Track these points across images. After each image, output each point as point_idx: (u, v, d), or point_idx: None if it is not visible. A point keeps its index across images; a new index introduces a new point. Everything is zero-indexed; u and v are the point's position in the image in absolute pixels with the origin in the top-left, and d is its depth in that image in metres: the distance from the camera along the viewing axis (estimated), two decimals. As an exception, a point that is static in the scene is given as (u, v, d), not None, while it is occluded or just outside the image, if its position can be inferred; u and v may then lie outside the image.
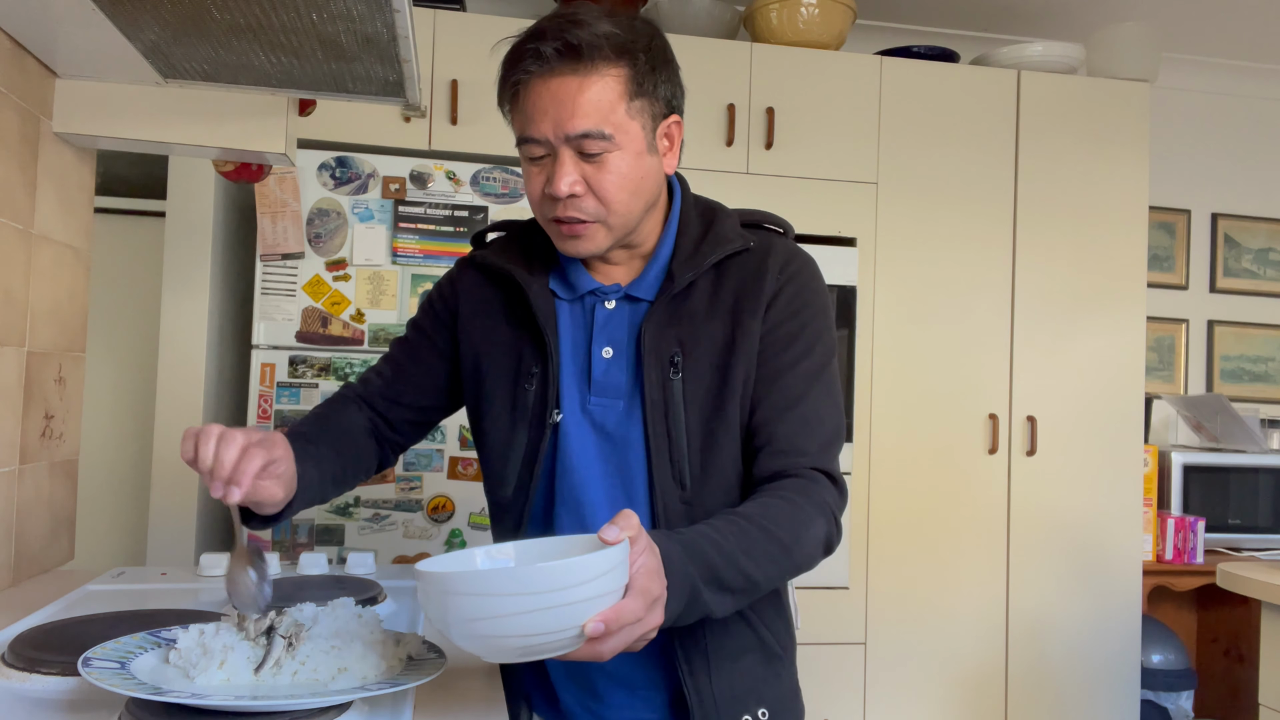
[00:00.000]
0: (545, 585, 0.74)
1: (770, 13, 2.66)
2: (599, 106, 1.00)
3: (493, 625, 0.75)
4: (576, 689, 1.12)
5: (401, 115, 2.40)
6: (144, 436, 2.67)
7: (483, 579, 0.76)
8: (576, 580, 0.75)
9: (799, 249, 1.14)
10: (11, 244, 1.30)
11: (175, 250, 2.35)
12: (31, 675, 0.90)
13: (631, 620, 0.78)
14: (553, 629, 0.76)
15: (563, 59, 0.99)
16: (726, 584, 0.91)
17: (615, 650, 0.79)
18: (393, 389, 1.22)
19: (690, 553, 0.88)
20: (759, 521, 0.96)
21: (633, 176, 1.03)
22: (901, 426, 2.67)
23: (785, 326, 1.08)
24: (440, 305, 1.21)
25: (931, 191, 2.71)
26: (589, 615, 0.76)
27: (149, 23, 1.15)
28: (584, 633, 0.76)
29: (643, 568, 0.80)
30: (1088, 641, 2.74)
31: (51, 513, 1.46)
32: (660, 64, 1.05)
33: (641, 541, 0.82)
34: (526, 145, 1.04)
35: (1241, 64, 3.59)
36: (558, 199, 1.02)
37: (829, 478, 1.05)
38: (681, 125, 1.10)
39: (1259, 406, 3.55)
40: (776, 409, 1.06)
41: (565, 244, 1.07)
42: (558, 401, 1.09)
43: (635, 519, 0.82)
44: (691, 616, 0.90)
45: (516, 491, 1.11)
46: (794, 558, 0.98)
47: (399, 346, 1.25)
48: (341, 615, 0.93)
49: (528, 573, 0.74)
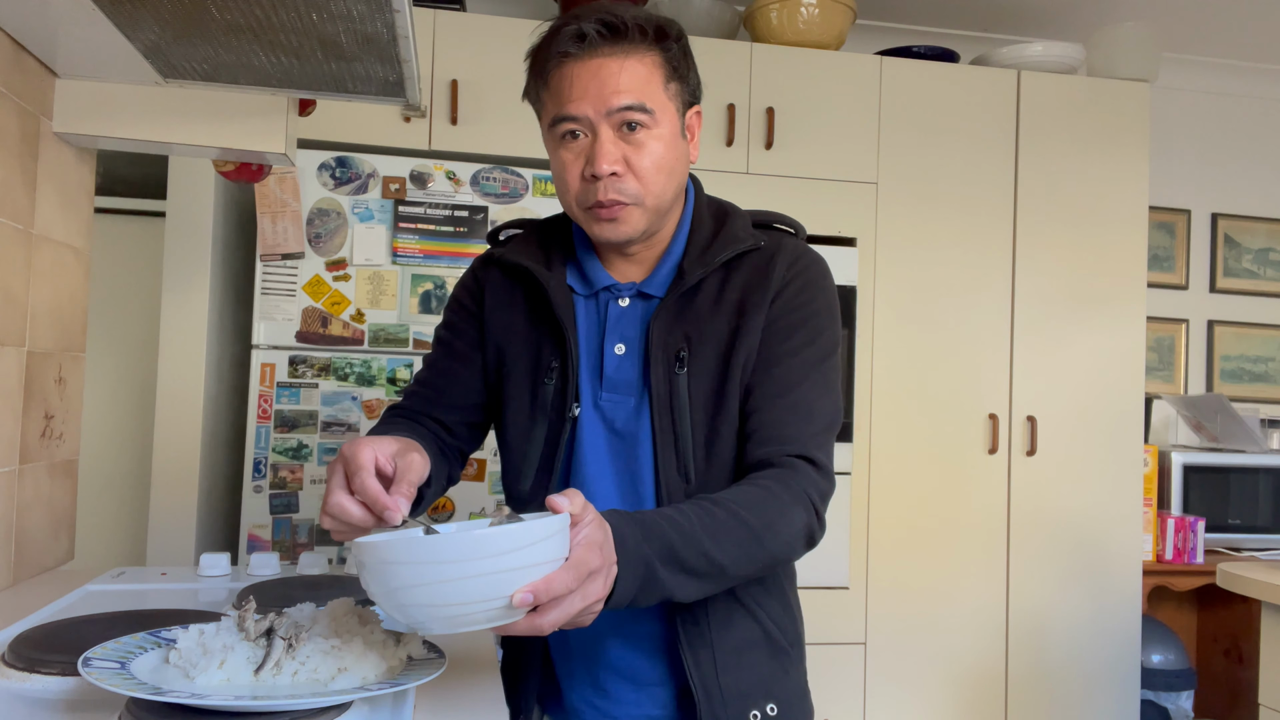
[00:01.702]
0: (473, 553, 0.73)
1: (770, 13, 2.66)
2: (641, 83, 1.03)
3: (422, 593, 0.75)
4: (582, 685, 1.12)
5: (401, 115, 2.40)
6: (144, 436, 2.67)
7: (409, 546, 0.75)
8: (506, 548, 0.74)
9: (808, 248, 1.15)
10: (11, 244, 1.30)
11: (175, 250, 2.35)
12: (31, 675, 0.90)
13: (562, 591, 0.77)
14: (479, 598, 0.75)
15: (604, 39, 1.02)
16: (687, 565, 0.91)
17: (556, 624, 0.78)
18: (443, 394, 1.20)
19: (647, 532, 0.88)
20: (727, 505, 0.95)
21: (668, 158, 1.06)
22: (901, 426, 2.67)
23: (787, 318, 1.09)
24: (469, 300, 1.21)
25: (931, 191, 2.71)
26: (516, 585, 0.75)
27: (149, 23, 1.15)
28: (512, 603, 0.75)
29: (583, 540, 0.80)
30: (1088, 641, 2.74)
31: (51, 513, 1.46)
32: (688, 54, 1.09)
33: (587, 516, 0.81)
34: (563, 124, 1.04)
35: (1241, 64, 3.59)
36: (598, 179, 1.03)
37: (813, 465, 1.04)
38: (701, 116, 1.13)
39: (1259, 406, 3.55)
40: (767, 396, 1.06)
41: (603, 228, 1.07)
42: (577, 396, 1.10)
43: (581, 498, 0.82)
44: (651, 598, 0.89)
45: (535, 485, 1.12)
46: (765, 544, 0.97)
47: (438, 352, 1.22)
48: (341, 615, 0.93)
49: (454, 540, 0.74)
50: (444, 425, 1.19)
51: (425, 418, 1.19)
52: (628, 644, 1.10)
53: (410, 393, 1.22)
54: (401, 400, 1.22)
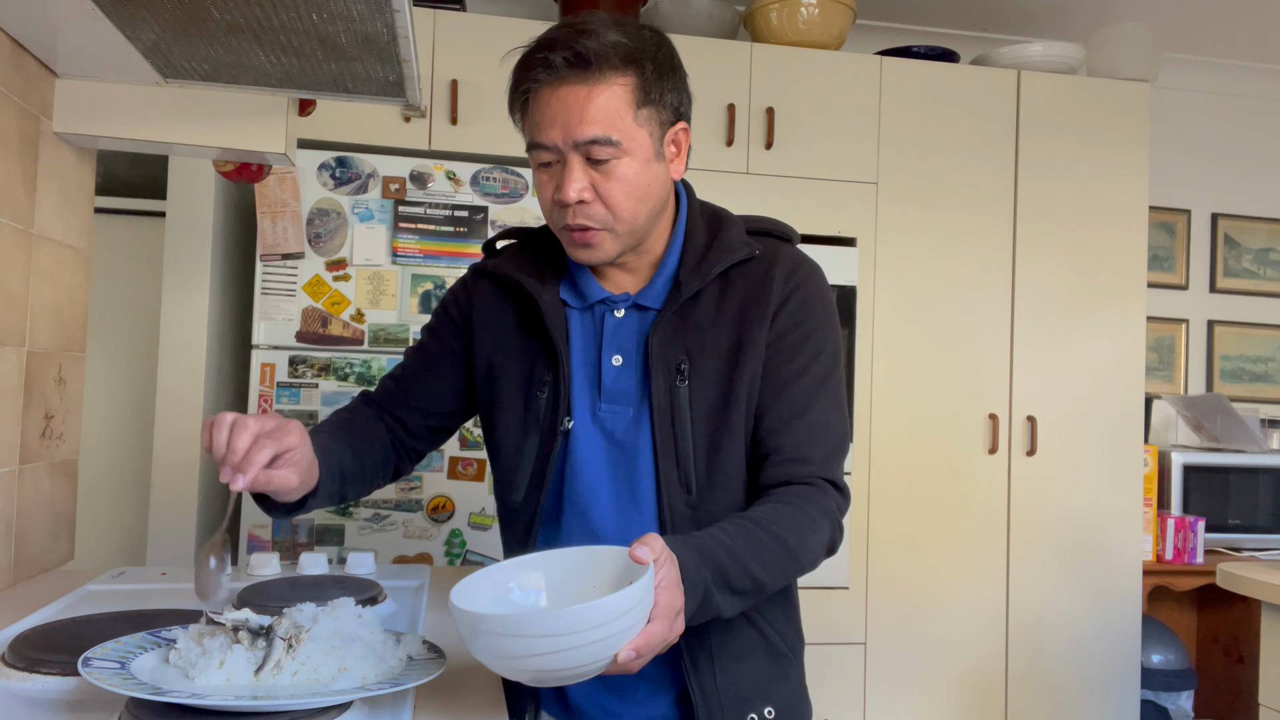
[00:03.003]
0: (580, 625, 0.77)
1: (770, 13, 2.66)
2: (607, 114, 1.01)
3: (531, 662, 0.79)
4: (586, 686, 1.12)
5: (401, 115, 2.40)
6: (144, 436, 2.67)
7: (519, 622, 0.79)
8: (610, 618, 0.78)
9: (805, 256, 1.15)
10: (11, 244, 1.30)
11: (175, 250, 2.35)
12: (31, 675, 0.90)
13: (659, 642, 0.84)
14: (588, 661, 0.80)
15: (571, 68, 1.01)
16: (735, 586, 0.95)
17: (644, 663, 0.83)
18: (409, 395, 1.23)
19: (704, 557, 0.92)
20: (768, 526, 0.99)
21: (639, 184, 1.05)
22: (901, 426, 2.67)
23: (791, 335, 1.09)
24: (455, 311, 1.22)
25: (931, 191, 2.71)
26: (621, 645, 0.80)
27: (149, 23, 1.15)
28: (618, 660, 0.80)
29: (664, 582, 0.84)
30: (1088, 641, 2.74)
31: (51, 513, 1.46)
32: (667, 72, 1.06)
33: (663, 558, 0.85)
34: (536, 151, 1.05)
35: (1241, 64, 3.59)
36: (567, 205, 1.04)
37: (834, 486, 1.08)
38: (689, 132, 1.11)
39: (1259, 406, 3.54)
40: (783, 419, 1.08)
41: (576, 251, 1.08)
42: (569, 409, 1.11)
43: (660, 541, 0.85)
44: (703, 617, 0.93)
45: (527, 497, 1.13)
46: (799, 561, 1.02)
47: (415, 353, 1.25)
48: (341, 615, 0.93)
49: (563, 615, 0.77)
50: (404, 425, 1.23)
51: (388, 415, 1.23)
52: None
53: (382, 386, 1.26)
54: (373, 391, 1.27)
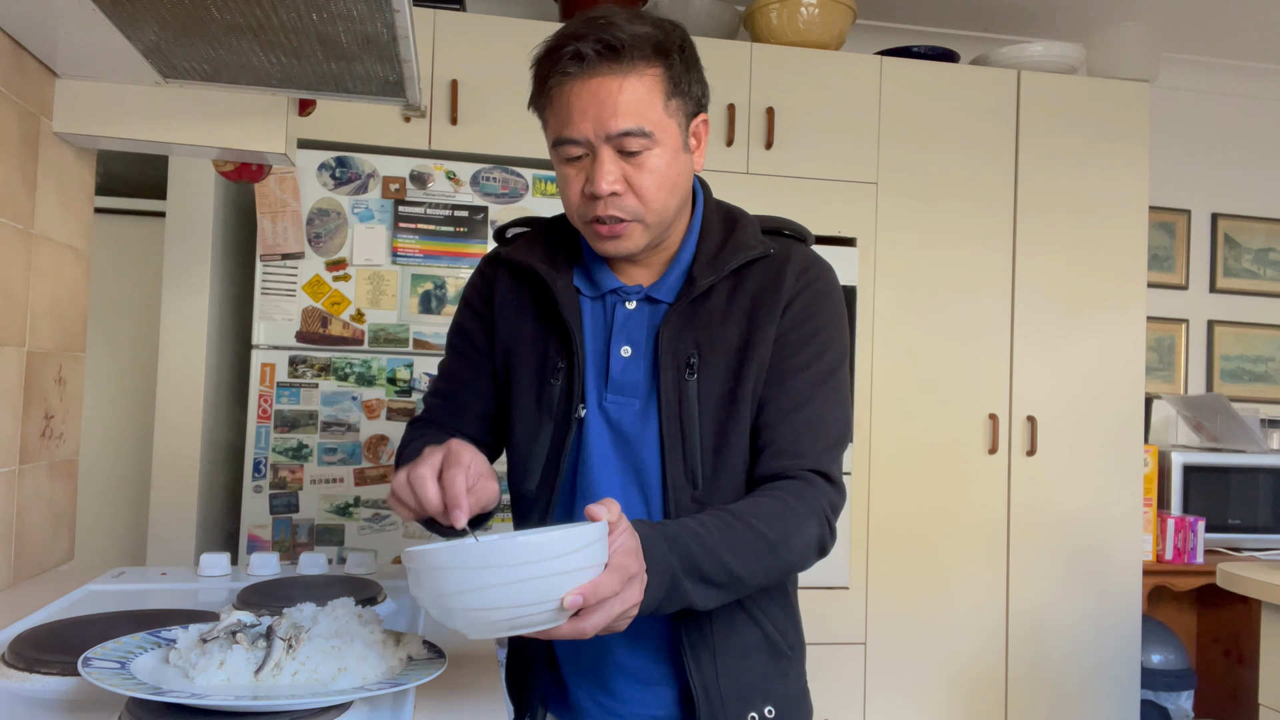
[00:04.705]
0: (523, 558, 0.76)
1: (770, 13, 2.66)
2: (639, 105, 1.01)
3: (473, 598, 0.77)
4: (589, 684, 1.13)
5: (401, 115, 2.40)
6: (144, 436, 2.67)
7: (462, 552, 0.78)
8: (554, 554, 0.77)
9: (818, 256, 1.16)
10: (11, 244, 1.30)
11: (175, 250, 2.35)
12: (31, 675, 0.90)
13: (609, 594, 0.80)
14: (531, 601, 0.78)
15: (602, 59, 1.00)
16: (708, 576, 0.94)
17: (597, 627, 0.81)
18: (463, 407, 1.20)
19: (672, 543, 0.91)
20: (746, 518, 0.98)
21: (670, 174, 1.05)
22: (901, 426, 2.67)
23: (798, 330, 1.10)
24: (479, 303, 1.21)
25: (931, 191, 2.71)
26: (567, 589, 0.78)
27: (149, 23, 1.15)
28: (563, 605, 0.78)
29: (621, 546, 0.83)
30: (1088, 641, 2.74)
31: (51, 513, 1.46)
32: (692, 63, 1.07)
33: (621, 524, 0.84)
34: (565, 146, 1.04)
35: (1241, 64, 3.59)
36: (598, 198, 1.04)
37: (827, 479, 1.07)
38: (708, 123, 1.12)
39: (1259, 406, 3.55)
40: (781, 411, 1.07)
41: (604, 244, 1.08)
42: (583, 397, 1.11)
43: (616, 505, 0.85)
44: (673, 605, 0.92)
45: (541, 485, 1.13)
46: (781, 556, 1.00)
47: (452, 360, 1.22)
48: (341, 615, 0.93)
49: (506, 545, 0.77)
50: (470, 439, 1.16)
51: (454, 431, 1.18)
52: (634, 645, 1.11)
53: (431, 405, 1.22)
54: (423, 413, 1.23)
